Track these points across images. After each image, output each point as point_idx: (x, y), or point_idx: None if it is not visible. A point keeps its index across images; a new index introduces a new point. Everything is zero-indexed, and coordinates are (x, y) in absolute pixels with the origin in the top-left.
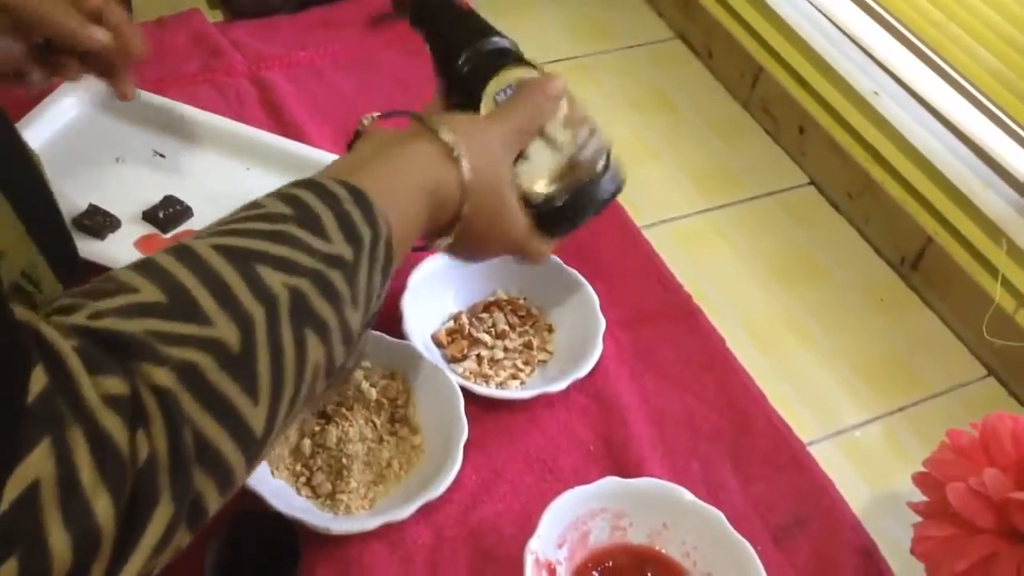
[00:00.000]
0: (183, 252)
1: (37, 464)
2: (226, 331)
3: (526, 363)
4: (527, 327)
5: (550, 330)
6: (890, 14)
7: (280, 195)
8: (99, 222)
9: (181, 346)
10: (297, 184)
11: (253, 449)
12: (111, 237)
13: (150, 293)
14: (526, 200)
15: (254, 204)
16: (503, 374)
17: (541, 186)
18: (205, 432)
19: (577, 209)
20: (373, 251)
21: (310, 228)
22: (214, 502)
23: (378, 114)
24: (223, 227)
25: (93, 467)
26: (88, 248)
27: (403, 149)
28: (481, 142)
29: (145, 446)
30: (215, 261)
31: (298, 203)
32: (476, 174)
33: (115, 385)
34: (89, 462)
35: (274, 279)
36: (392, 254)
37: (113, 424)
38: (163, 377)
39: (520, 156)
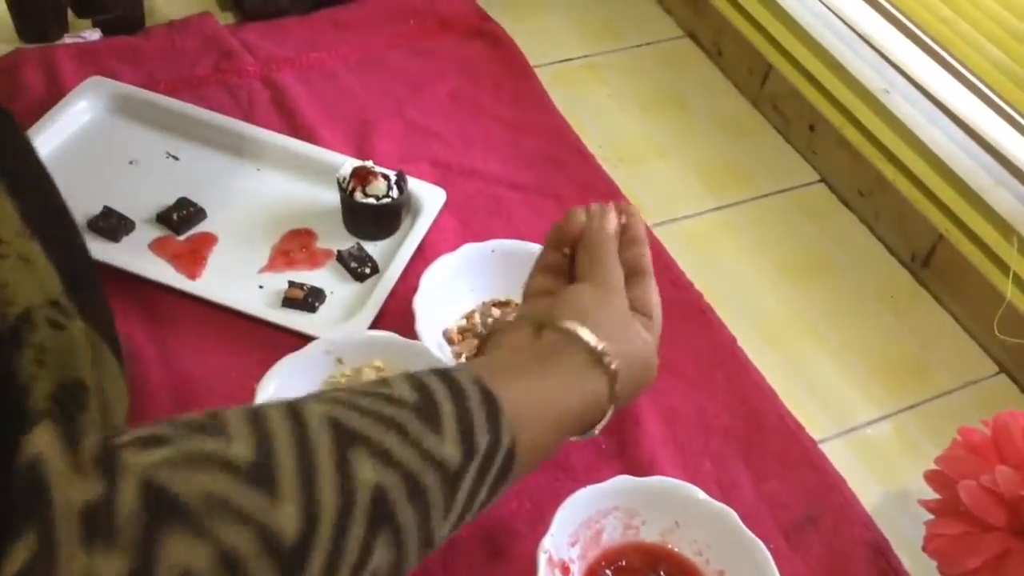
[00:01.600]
0: (294, 413)
1: None
2: (288, 519)
3: None
4: None
5: None
6: (900, 11)
7: (411, 379)
8: (113, 224)
9: (234, 524)
10: (434, 372)
11: None
12: (125, 239)
13: (240, 446)
14: None
15: (385, 382)
16: None
17: None
18: None
19: None
20: (488, 460)
21: (426, 420)
22: None
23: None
24: (346, 396)
25: None
26: (102, 250)
27: (551, 367)
28: (614, 321)
29: None
30: (317, 434)
31: (425, 392)
32: (623, 364)
33: (113, 567)
34: None
35: (366, 469)
36: (512, 466)
37: None
38: (197, 557)
39: None
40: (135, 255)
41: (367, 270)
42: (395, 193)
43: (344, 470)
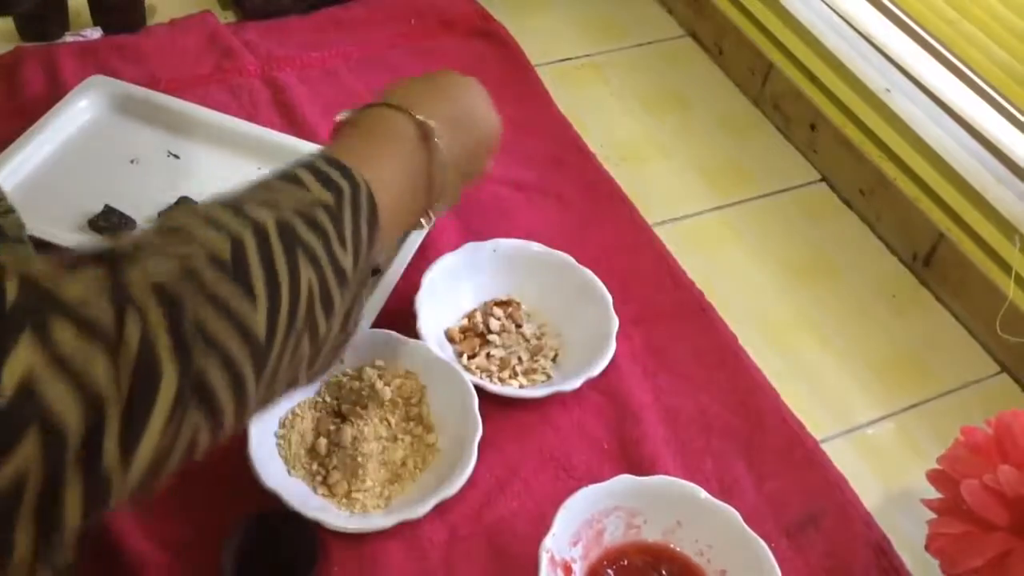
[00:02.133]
0: (180, 205)
1: (26, 354)
2: (215, 243)
3: (539, 361)
4: (540, 325)
5: (563, 328)
6: (902, 11)
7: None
8: (114, 223)
9: (168, 255)
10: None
11: (258, 349)
12: None
13: (147, 233)
14: None
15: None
16: (516, 372)
17: None
18: (205, 320)
19: None
20: (355, 199)
21: (289, 180)
22: (222, 391)
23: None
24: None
25: (79, 338)
26: None
27: (368, 131)
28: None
29: (136, 325)
30: (207, 205)
31: (277, 171)
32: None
33: (94, 277)
34: (74, 335)
35: (261, 212)
36: (375, 207)
37: (94, 306)
38: (156, 274)
39: None
40: None
41: None
42: None
43: (242, 214)
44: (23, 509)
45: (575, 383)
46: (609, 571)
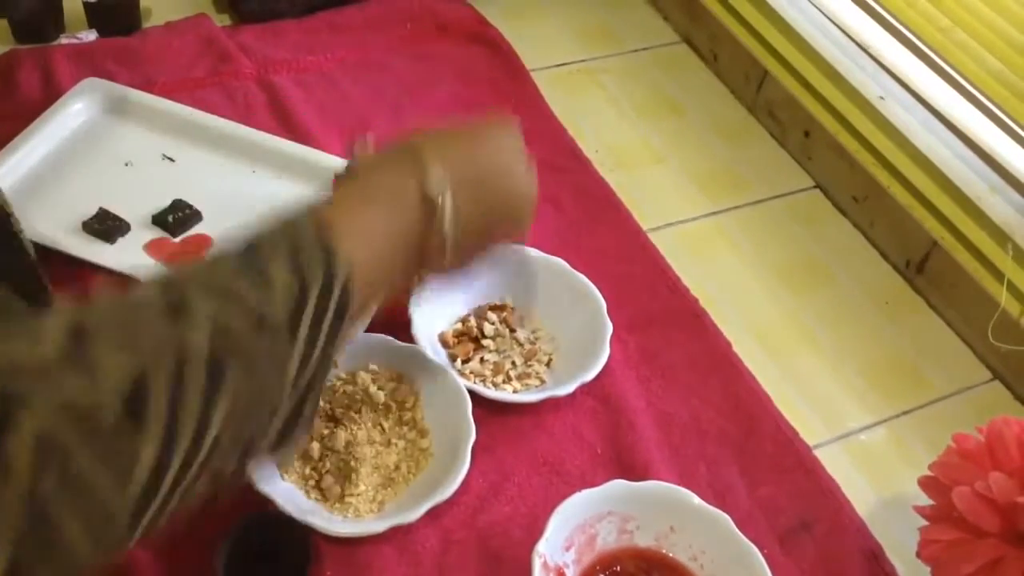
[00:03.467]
0: (108, 305)
1: None
2: (117, 379)
3: (533, 366)
4: (534, 330)
5: (557, 333)
6: (896, 19)
7: (245, 238)
8: (109, 226)
9: (63, 396)
10: (270, 220)
11: (142, 495)
12: (120, 241)
13: (55, 352)
14: None
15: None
16: (510, 377)
17: None
18: (82, 471)
19: None
20: (324, 295)
21: (255, 269)
22: (80, 543)
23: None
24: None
25: None
26: (97, 252)
27: (375, 181)
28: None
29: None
30: (148, 295)
31: (251, 243)
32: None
33: None
34: None
35: (201, 319)
36: (347, 300)
37: None
38: (41, 427)
39: None
40: (130, 257)
41: None
42: None
43: (182, 323)
44: None
45: (569, 388)
46: None
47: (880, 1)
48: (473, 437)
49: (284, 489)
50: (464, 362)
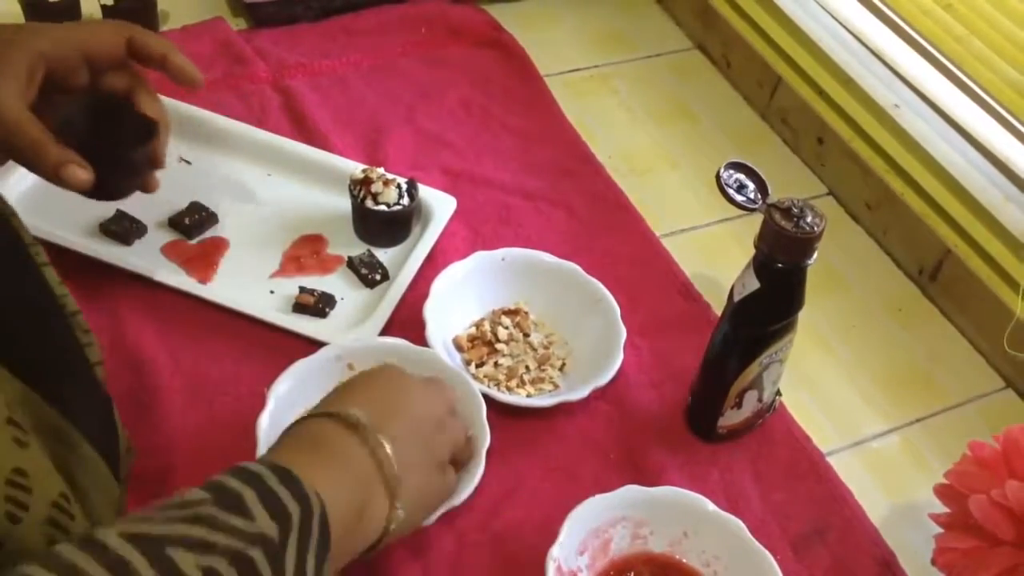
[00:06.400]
0: (87, 543)
1: None
2: None
3: (546, 370)
4: (548, 334)
5: (571, 338)
6: (911, 27)
7: (202, 485)
8: (126, 228)
9: None
10: (222, 472)
11: None
12: (137, 243)
13: None
14: None
15: (173, 496)
16: (523, 381)
17: None
18: None
19: None
20: (304, 527)
21: (229, 507)
22: None
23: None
24: (134, 517)
25: None
26: (115, 254)
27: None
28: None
29: None
30: (123, 550)
31: (218, 487)
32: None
33: None
34: None
35: (187, 562)
36: (327, 532)
37: None
38: None
39: None
40: (146, 259)
41: (378, 277)
42: (406, 200)
43: (166, 568)
44: None
45: (582, 392)
46: None
47: (895, 9)
48: (488, 441)
49: None
50: (478, 366)
